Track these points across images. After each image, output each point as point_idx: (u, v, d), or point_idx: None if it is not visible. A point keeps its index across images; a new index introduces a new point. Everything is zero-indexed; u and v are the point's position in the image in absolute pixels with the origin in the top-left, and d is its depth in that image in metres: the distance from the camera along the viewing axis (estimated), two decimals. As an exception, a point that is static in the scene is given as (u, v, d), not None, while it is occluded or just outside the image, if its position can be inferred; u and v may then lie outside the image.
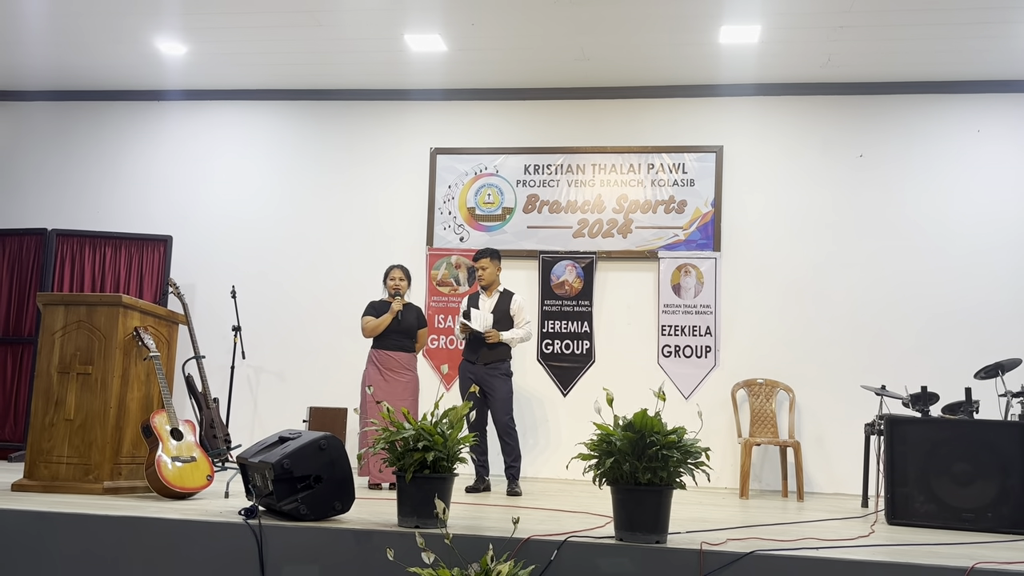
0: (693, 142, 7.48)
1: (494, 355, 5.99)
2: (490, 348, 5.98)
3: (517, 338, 6.05)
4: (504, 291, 6.18)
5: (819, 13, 6.17)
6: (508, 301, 6.11)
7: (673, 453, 3.42)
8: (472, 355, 6.04)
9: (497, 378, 5.95)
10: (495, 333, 5.94)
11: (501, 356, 6.02)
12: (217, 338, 7.43)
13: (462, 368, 6.10)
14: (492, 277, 6.14)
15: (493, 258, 6.17)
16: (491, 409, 5.98)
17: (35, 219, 8.03)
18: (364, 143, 7.96)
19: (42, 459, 4.67)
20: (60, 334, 4.78)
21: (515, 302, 6.12)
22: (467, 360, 6.07)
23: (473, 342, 6.04)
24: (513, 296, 6.15)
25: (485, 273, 6.12)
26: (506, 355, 6.06)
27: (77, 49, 7.39)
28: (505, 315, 6.05)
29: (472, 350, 6.04)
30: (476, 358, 6.00)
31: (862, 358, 7.03)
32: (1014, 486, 4.56)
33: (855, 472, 6.34)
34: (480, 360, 5.98)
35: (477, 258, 6.18)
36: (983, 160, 7.17)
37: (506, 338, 5.98)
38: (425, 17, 6.55)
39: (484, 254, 6.17)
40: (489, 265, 6.12)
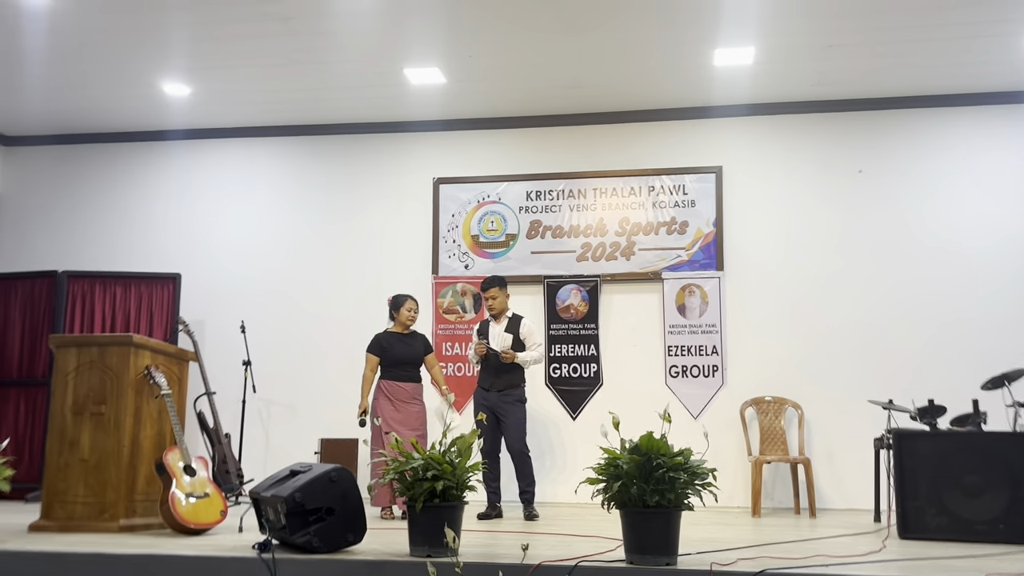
0: (692, 163, 7.55)
1: (508, 381, 6.03)
2: (504, 373, 6.01)
3: (531, 359, 6.10)
4: (513, 316, 6.24)
5: (809, 32, 6.26)
6: (518, 326, 6.16)
7: (680, 475, 3.46)
8: (486, 382, 6.07)
9: (511, 404, 5.99)
10: (511, 353, 5.99)
11: (515, 382, 6.06)
12: (228, 373, 7.49)
13: (477, 395, 6.14)
14: (502, 305, 6.20)
15: (501, 287, 6.22)
16: (505, 435, 6.02)
17: (45, 262, 8.13)
18: (367, 175, 8.06)
19: (58, 499, 4.72)
20: (73, 375, 4.85)
21: (524, 326, 6.18)
22: (481, 388, 6.11)
23: (487, 369, 6.07)
24: (522, 320, 6.21)
25: (495, 302, 6.16)
26: (520, 381, 6.10)
27: (83, 93, 7.52)
28: (516, 340, 6.10)
29: (486, 377, 6.08)
30: (490, 385, 6.04)
31: (869, 372, 7.04)
32: (1024, 497, 4.56)
33: (866, 487, 6.33)
34: (494, 387, 6.02)
35: (485, 288, 6.22)
36: (980, 172, 7.22)
37: (520, 359, 6.02)
38: (424, 51, 6.66)
39: (492, 283, 6.21)
40: (499, 294, 6.18)
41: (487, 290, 6.19)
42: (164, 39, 6.50)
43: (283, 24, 6.17)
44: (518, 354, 6.02)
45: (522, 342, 6.11)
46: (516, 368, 6.06)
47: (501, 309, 6.20)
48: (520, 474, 5.96)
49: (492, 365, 6.05)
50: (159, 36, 6.44)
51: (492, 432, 5.93)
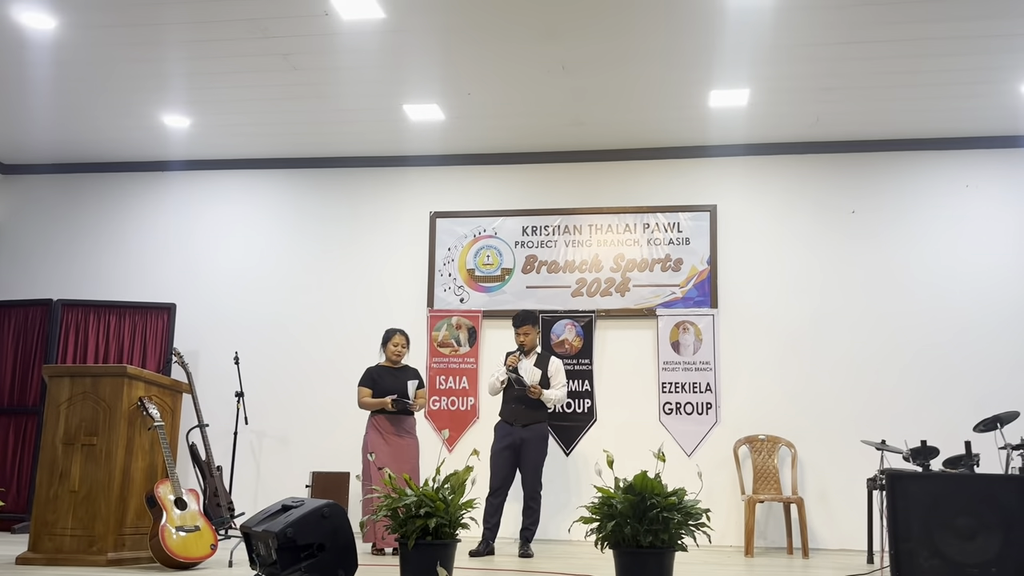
0: (687, 202, 7.61)
1: (534, 416, 6.02)
2: (531, 408, 6.00)
3: (555, 399, 6.09)
4: (543, 353, 6.25)
5: (805, 76, 6.35)
6: (546, 363, 6.16)
7: (674, 515, 3.46)
8: (510, 416, 6.05)
9: (533, 442, 5.98)
10: (539, 389, 5.98)
11: (540, 418, 6.06)
12: (220, 404, 7.47)
13: (498, 430, 6.10)
14: (533, 342, 6.21)
15: (534, 324, 6.22)
16: (522, 472, 6.00)
17: (41, 290, 8.13)
18: (365, 209, 8.10)
19: (46, 531, 4.68)
20: (65, 405, 4.83)
21: (553, 363, 6.18)
22: (505, 422, 6.08)
23: (511, 402, 6.04)
24: (551, 358, 6.22)
25: (527, 339, 6.15)
26: (545, 417, 6.10)
27: (83, 123, 7.58)
28: (543, 377, 6.10)
29: (510, 411, 6.06)
30: (514, 419, 6.02)
31: (862, 412, 7.05)
32: (1017, 540, 4.56)
33: (860, 527, 6.32)
34: (519, 421, 6.01)
35: (520, 324, 6.16)
36: (972, 214, 7.29)
37: (546, 396, 6.02)
38: (423, 88, 6.74)
39: (527, 320, 6.17)
40: (531, 331, 6.18)
41: (521, 326, 6.17)
42: (165, 72, 6.57)
43: (283, 59, 6.25)
44: (544, 391, 6.02)
45: (548, 380, 6.11)
46: (541, 403, 6.06)
47: (532, 346, 6.21)
48: (527, 511, 5.95)
49: (516, 398, 6.02)
50: (160, 68, 6.51)
51: (508, 466, 5.93)
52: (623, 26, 5.69)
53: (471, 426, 7.50)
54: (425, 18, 5.68)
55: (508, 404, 6.08)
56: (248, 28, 5.82)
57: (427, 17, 5.67)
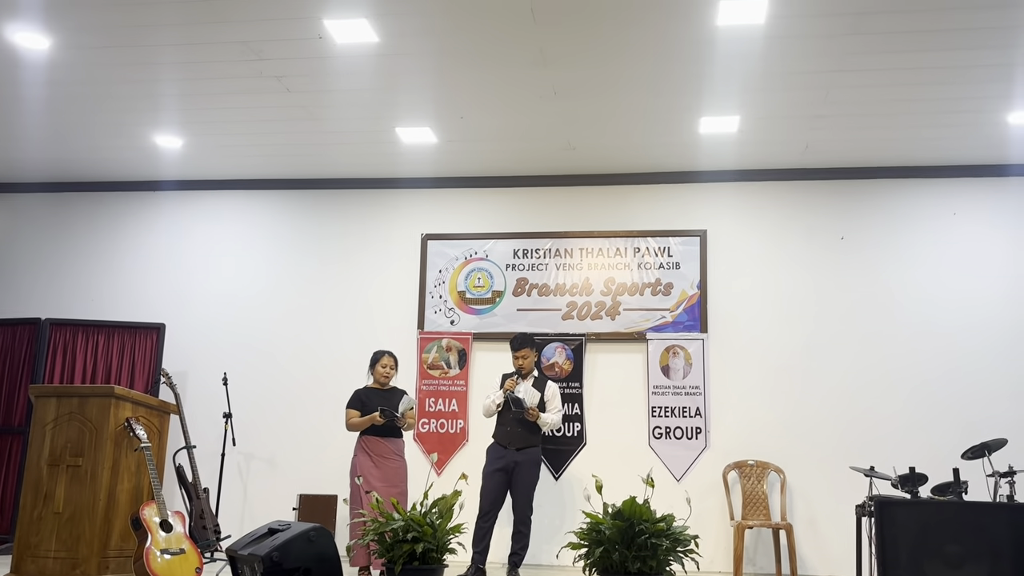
0: (678, 226, 7.65)
1: (528, 440, 6.00)
2: (526, 431, 5.98)
3: (551, 422, 6.07)
4: (540, 376, 6.23)
5: (795, 103, 6.41)
6: (543, 387, 6.15)
7: (662, 541, 3.46)
8: (504, 439, 6.01)
9: (526, 466, 5.95)
10: (536, 411, 5.96)
11: (535, 442, 6.04)
12: (208, 425, 7.42)
13: (491, 452, 6.06)
14: (531, 365, 6.20)
15: (532, 347, 6.20)
16: (513, 495, 5.97)
17: (29, 309, 8.09)
18: (356, 230, 8.11)
19: (29, 553, 4.64)
20: (52, 426, 4.80)
21: (549, 388, 6.17)
22: (499, 444, 6.04)
23: (505, 425, 6.02)
24: (548, 382, 6.21)
25: (525, 362, 6.14)
26: (538, 441, 6.08)
27: (75, 143, 7.58)
28: (540, 400, 6.08)
29: (504, 433, 6.03)
30: (508, 442, 5.99)
31: (851, 438, 7.06)
32: (1004, 569, 4.55)
33: (848, 554, 6.30)
34: (513, 444, 5.98)
35: (518, 347, 6.14)
36: (960, 241, 7.34)
37: (542, 419, 6.00)
38: (416, 111, 6.77)
39: (525, 343, 6.16)
40: (529, 354, 6.17)
41: (520, 349, 6.15)
42: (158, 92, 6.58)
43: (277, 81, 6.27)
44: (542, 415, 6.01)
45: (544, 404, 6.09)
46: (536, 426, 6.04)
47: (530, 369, 6.20)
48: (517, 536, 5.91)
49: (512, 421, 6.00)
50: (153, 89, 6.52)
51: (500, 489, 5.90)
52: (615, 52, 5.74)
53: (460, 449, 7.47)
54: (418, 42, 5.73)
55: (503, 427, 6.05)
56: (241, 51, 5.84)
57: (420, 42, 5.71)
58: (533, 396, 6.03)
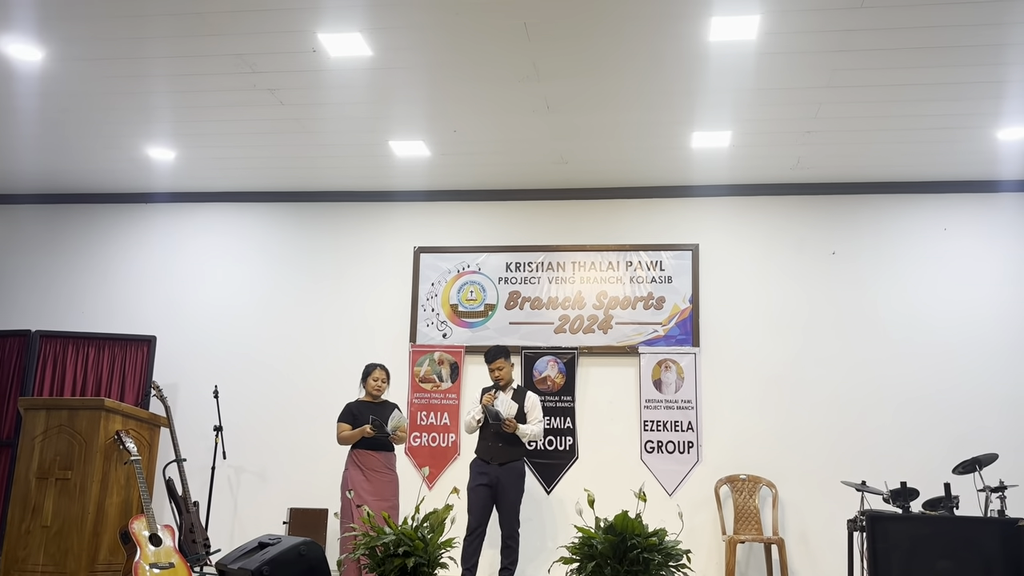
0: (670, 240, 7.67)
1: (511, 454, 5.98)
2: (508, 445, 5.95)
3: (530, 433, 6.05)
4: (518, 388, 6.22)
5: (786, 119, 6.44)
6: (522, 398, 6.14)
7: (654, 556, 3.45)
8: (487, 454, 6.00)
9: (510, 480, 5.93)
10: (514, 423, 5.95)
11: (517, 455, 6.01)
12: (198, 437, 7.39)
13: (474, 467, 6.04)
14: (508, 376, 6.19)
15: (506, 357, 6.21)
16: (499, 510, 5.94)
17: (20, 320, 8.06)
18: (349, 243, 8.11)
19: (16, 567, 4.60)
20: (41, 438, 4.78)
21: (529, 399, 6.16)
22: (481, 459, 6.03)
23: (487, 439, 6.00)
24: (528, 394, 6.19)
25: (502, 372, 6.15)
26: (521, 454, 6.05)
27: (68, 154, 7.56)
28: (520, 411, 6.07)
29: (486, 448, 6.01)
30: (491, 457, 5.97)
31: (843, 452, 7.06)
32: (996, 583, 4.56)
33: (840, 568, 6.29)
34: (495, 459, 5.96)
35: (492, 359, 6.15)
36: (950, 257, 7.38)
37: (521, 431, 5.98)
38: (409, 124, 6.79)
39: (499, 354, 6.17)
40: (504, 364, 6.17)
41: (493, 361, 6.15)
42: (150, 105, 6.58)
43: (270, 94, 6.28)
44: (520, 426, 5.99)
45: (524, 415, 6.08)
46: (518, 440, 6.02)
47: (508, 380, 6.19)
48: (506, 551, 5.88)
49: (493, 435, 5.98)
50: (146, 101, 6.52)
51: (485, 505, 5.87)
52: (608, 67, 5.77)
53: (452, 463, 7.45)
54: (412, 56, 5.74)
55: (484, 441, 6.04)
56: (235, 63, 5.85)
57: (414, 55, 5.73)
58: (510, 407, 6.02)
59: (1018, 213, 7.38)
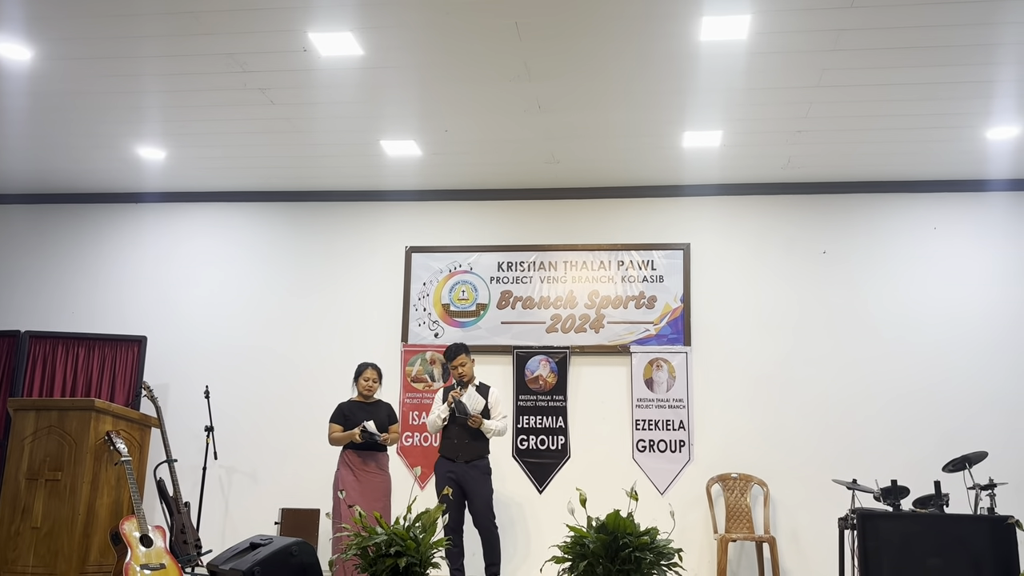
0: (661, 240, 7.68)
1: (475, 451, 5.96)
2: (472, 441, 5.94)
3: (495, 429, 6.03)
4: (481, 384, 6.22)
5: (777, 119, 6.46)
6: (486, 394, 6.14)
7: (646, 555, 3.45)
8: (451, 452, 5.99)
9: (478, 477, 5.91)
10: (479, 418, 5.94)
11: (481, 452, 5.99)
12: (189, 438, 7.36)
13: (440, 467, 6.04)
14: (471, 372, 6.18)
15: (467, 353, 6.21)
16: (471, 509, 5.92)
17: (9, 321, 8.02)
18: (340, 243, 8.09)
19: (6, 569, 4.58)
20: (30, 439, 4.75)
21: (492, 395, 6.15)
22: (446, 458, 6.02)
23: (452, 438, 5.99)
24: (490, 389, 6.18)
25: (464, 369, 6.14)
26: (486, 451, 6.03)
27: (57, 154, 7.53)
28: (484, 408, 6.07)
29: (451, 447, 6.00)
30: (456, 455, 5.96)
31: (834, 451, 7.09)
32: (986, 581, 4.58)
33: (831, 567, 6.31)
34: (460, 457, 5.95)
35: (452, 356, 6.17)
36: (940, 256, 7.41)
37: (486, 426, 5.97)
38: (401, 124, 6.78)
39: (459, 351, 6.19)
40: (466, 360, 6.16)
41: (455, 358, 6.15)
42: (140, 104, 6.55)
43: (261, 94, 6.26)
44: (486, 421, 5.98)
45: (488, 411, 6.07)
46: (482, 437, 6.01)
47: (471, 376, 6.19)
48: (487, 550, 5.85)
49: (458, 433, 5.98)
50: (136, 101, 6.49)
51: (458, 506, 5.83)
52: (599, 67, 5.78)
53: (444, 462, 7.43)
54: (403, 56, 5.73)
55: (449, 440, 6.02)
56: (225, 63, 5.83)
57: (405, 55, 5.72)
58: (476, 402, 6.01)
59: (1007, 212, 7.42)
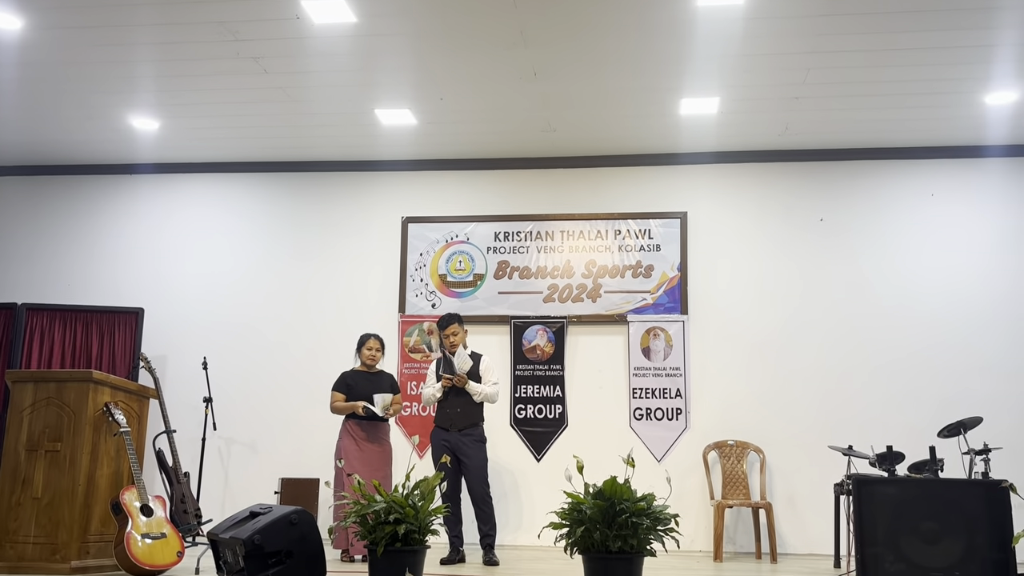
0: (658, 208, 7.66)
1: (469, 419, 5.97)
2: (465, 410, 5.94)
3: (484, 393, 5.99)
4: (473, 352, 6.23)
5: (775, 85, 6.42)
6: (477, 361, 6.15)
7: (643, 520, 3.48)
8: (445, 421, 6.01)
9: (472, 445, 5.93)
10: (464, 377, 5.93)
11: (475, 420, 6.01)
12: (188, 409, 7.39)
13: (435, 436, 6.06)
14: (462, 340, 6.17)
15: (460, 323, 6.20)
16: (466, 478, 5.95)
17: (5, 294, 8.00)
18: (336, 213, 8.06)
19: (8, 539, 4.61)
20: (29, 411, 4.76)
21: (483, 362, 6.15)
22: (440, 427, 6.04)
23: (446, 407, 6.01)
24: (482, 357, 6.19)
25: (456, 338, 6.12)
26: (479, 419, 6.05)
27: (50, 125, 7.47)
28: (475, 375, 6.07)
29: (445, 416, 6.02)
30: (450, 424, 5.98)
31: (830, 417, 7.13)
32: (980, 544, 4.62)
33: (827, 532, 6.38)
34: (454, 426, 5.97)
35: (445, 325, 6.15)
36: (938, 223, 7.40)
37: (475, 389, 5.95)
38: (395, 92, 6.72)
39: (452, 320, 6.16)
40: (459, 330, 6.15)
41: (447, 327, 6.13)
42: (133, 74, 6.50)
43: (254, 63, 6.21)
44: (471, 382, 5.96)
45: (479, 378, 6.07)
46: (476, 406, 6.01)
47: (462, 345, 6.19)
48: (481, 518, 5.88)
49: (452, 403, 5.98)
50: (128, 71, 6.44)
51: (453, 474, 5.86)
52: (595, 34, 5.72)
53: (442, 432, 7.47)
54: (397, 23, 5.68)
55: (443, 410, 6.02)
56: (218, 31, 5.77)
57: (399, 22, 5.66)
58: (465, 362, 5.98)
59: (1005, 178, 7.41)
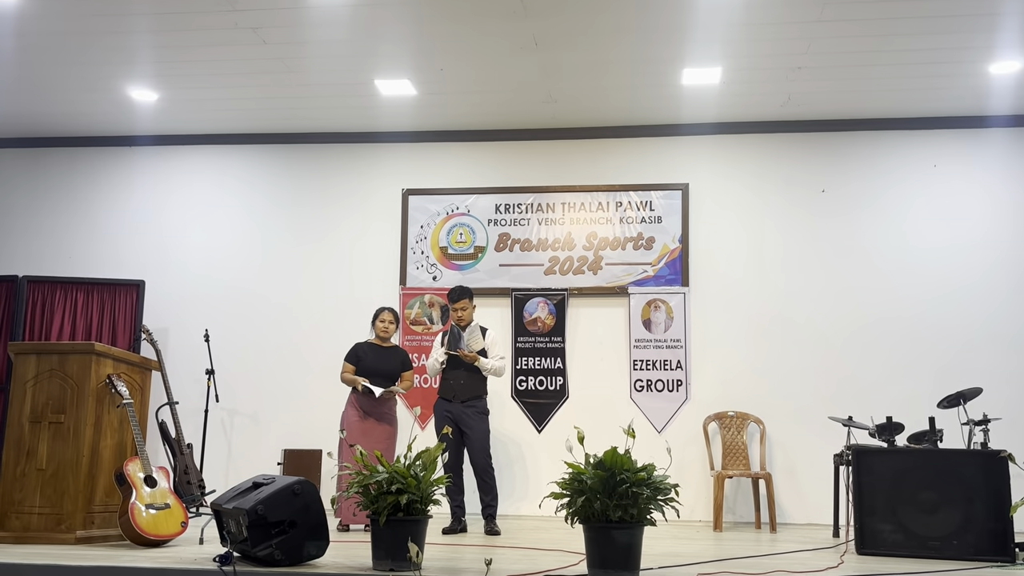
0: (659, 180, 7.63)
1: (472, 391, 5.99)
2: (469, 382, 5.97)
3: (490, 367, 6.02)
4: (480, 327, 6.23)
5: (777, 55, 6.37)
6: (483, 336, 6.15)
7: (643, 490, 3.49)
8: (448, 392, 6.03)
9: (474, 417, 5.96)
10: (473, 354, 5.95)
11: (479, 392, 6.03)
12: (190, 381, 7.42)
13: (438, 407, 6.08)
14: (471, 316, 6.18)
15: (471, 298, 6.19)
16: (468, 448, 5.98)
17: (6, 266, 8.00)
18: (336, 185, 8.04)
19: (13, 510, 4.64)
20: (32, 383, 4.77)
21: (489, 336, 6.16)
22: (443, 399, 6.06)
23: (449, 379, 6.03)
24: (488, 331, 6.20)
25: (465, 313, 6.12)
26: (483, 391, 6.07)
27: (49, 97, 7.43)
28: (480, 350, 6.08)
29: (448, 387, 6.04)
30: (453, 396, 6.00)
31: (830, 388, 7.15)
32: (978, 513, 4.66)
33: (826, 502, 6.42)
34: (457, 398, 5.99)
35: (456, 299, 6.13)
36: (940, 193, 7.38)
37: (485, 365, 5.98)
38: (395, 63, 6.68)
39: (464, 294, 6.15)
40: (468, 305, 6.14)
41: (458, 301, 6.13)
42: (131, 44, 6.45)
43: (253, 33, 6.16)
44: (481, 358, 5.99)
45: (484, 352, 6.09)
46: (480, 378, 6.03)
47: (470, 320, 6.20)
48: (483, 488, 5.92)
49: (455, 375, 6.00)
50: (126, 41, 6.39)
51: (456, 445, 5.88)
52: (596, 2, 5.67)
53: (443, 403, 7.50)
54: (397, -8, 5.62)
55: (446, 381, 6.04)
56: (216, 1, 5.72)
57: (399, -9, 5.61)
58: (476, 340, 5.98)
59: (1007, 149, 7.37)
